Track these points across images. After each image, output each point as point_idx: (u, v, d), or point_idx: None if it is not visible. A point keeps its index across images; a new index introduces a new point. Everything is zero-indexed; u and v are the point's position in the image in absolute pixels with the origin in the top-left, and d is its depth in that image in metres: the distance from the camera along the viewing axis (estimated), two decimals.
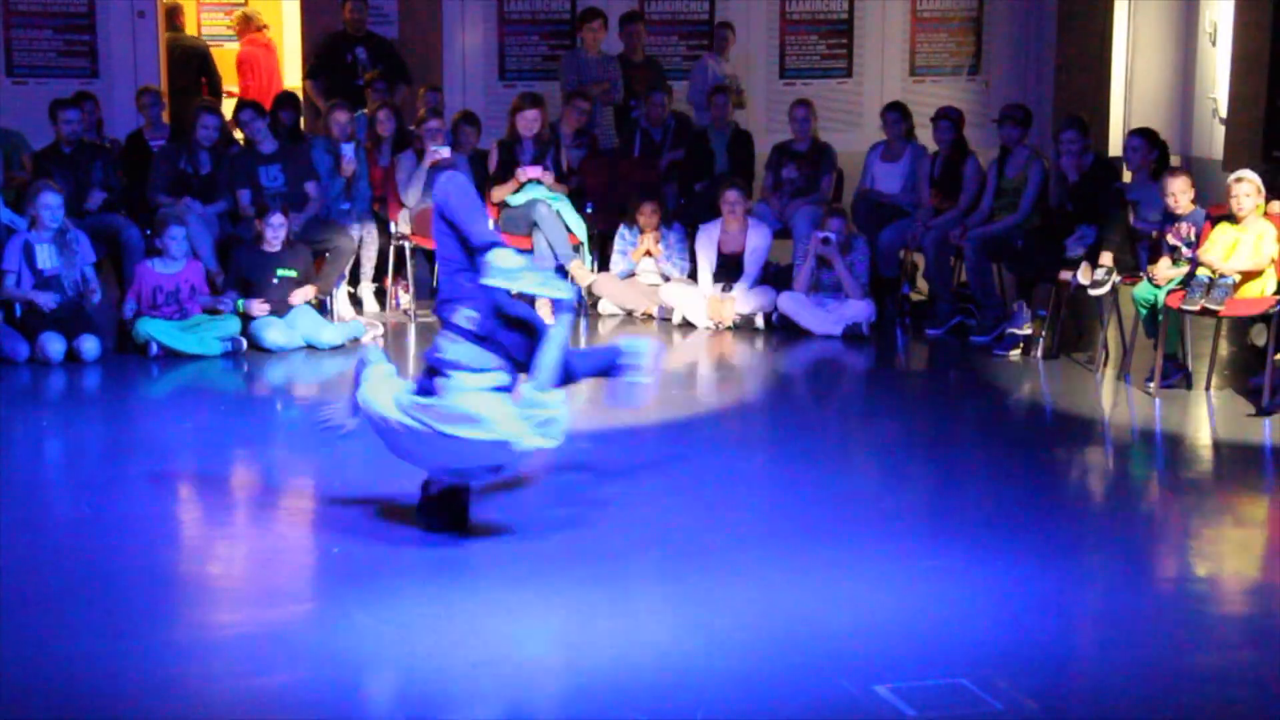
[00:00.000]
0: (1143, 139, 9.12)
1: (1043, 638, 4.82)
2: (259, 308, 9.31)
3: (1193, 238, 8.31)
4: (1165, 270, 8.32)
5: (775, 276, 10.28)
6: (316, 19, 12.72)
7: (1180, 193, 8.46)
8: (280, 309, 9.37)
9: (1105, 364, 8.81)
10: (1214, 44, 12.23)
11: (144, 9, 12.75)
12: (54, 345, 8.80)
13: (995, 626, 4.92)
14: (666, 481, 6.71)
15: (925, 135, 10.62)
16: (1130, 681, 4.54)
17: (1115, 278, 8.72)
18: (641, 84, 11.50)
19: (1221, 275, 7.97)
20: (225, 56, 14.63)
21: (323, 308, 9.80)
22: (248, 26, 14.17)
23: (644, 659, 4.68)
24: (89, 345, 8.88)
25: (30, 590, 5.24)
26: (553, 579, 5.32)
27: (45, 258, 9.04)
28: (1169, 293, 8.19)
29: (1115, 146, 12.33)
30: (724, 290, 10.12)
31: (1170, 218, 8.51)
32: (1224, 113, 11.84)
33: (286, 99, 11.63)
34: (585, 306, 10.50)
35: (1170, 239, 8.40)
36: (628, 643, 4.81)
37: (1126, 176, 9.24)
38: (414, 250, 10.78)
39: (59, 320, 8.94)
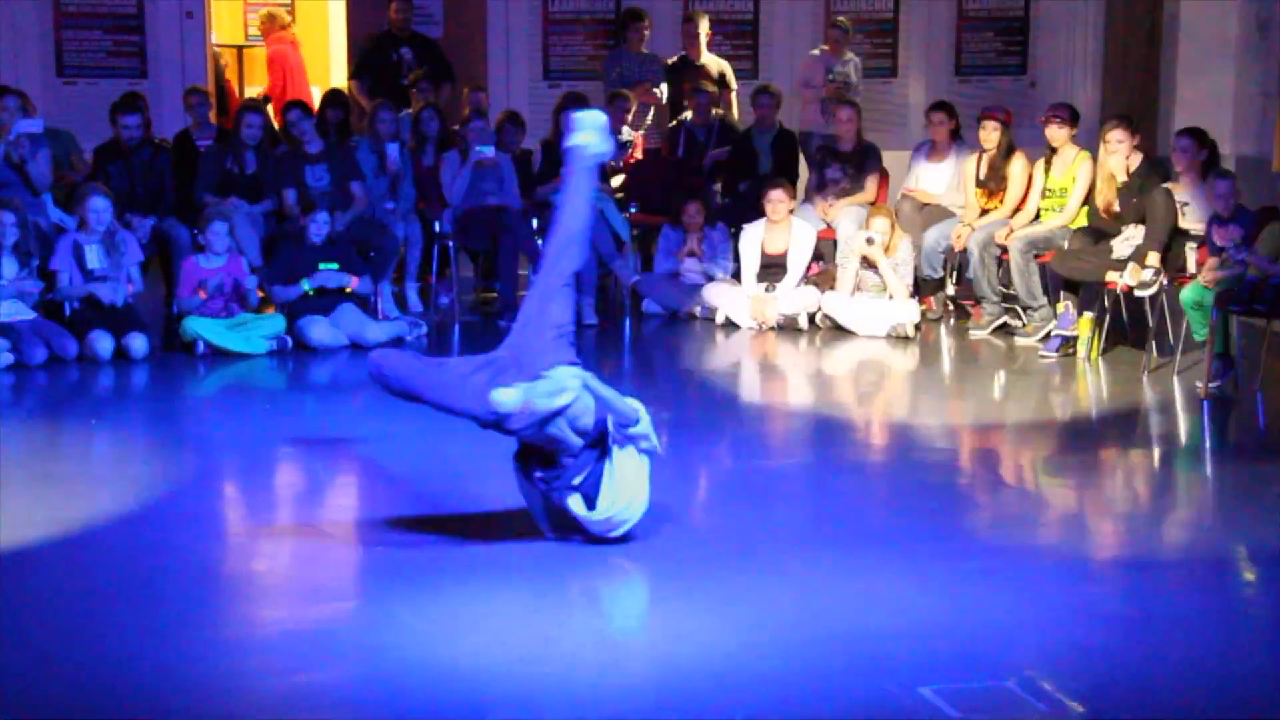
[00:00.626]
0: (1191, 139, 9.04)
1: (1089, 640, 4.79)
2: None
3: (1240, 239, 8.24)
4: (1214, 271, 8.26)
5: (819, 277, 10.26)
6: (361, 19, 12.77)
7: (1229, 193, 8.40)
8: (324, 306, 9.41)
9: (1153, 365, 8.75)
10: (1264, 40, 12.11)
11: (192, 9, 12.84)
12: (103, 343, 8.87)
13: (1041, 629, 4.89)
14: (709, 482, 6.70)
15: (971, 135, 10.58)
16: (1178, 685, 4.50)
17: (1163, 278, 8.66)
18: (700, 85, 11.44)
19: (1271, 275, 7.90)
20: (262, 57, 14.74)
21: (368, 306, 9.84)
22: (273, 25, 14.27)
23: (687, 659, 4.67)
24: (137, 343, 8.94)
25: (76, 586, 5.28)
26: (596, 579, 5.32)
27: (94, 258, 9.13)
28: (1218, 293, 8.12)
29: (1164, 146, 12.24)
30: (767, 290, 10.10)
31: (1219, 218, 8.44)
32: (1276, 110, 11.71)
33: (334, 97, 11.67)
34: (629, 307, 10.52)
35: (1218, 239, 8.33)
36: (671, 643, 4.80)
37: (1175, 176, 9.16)
38: (458, 249, 10.81)
39: (107, 318, 9.02)
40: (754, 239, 10.22)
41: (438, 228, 10.61)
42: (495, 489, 6.30)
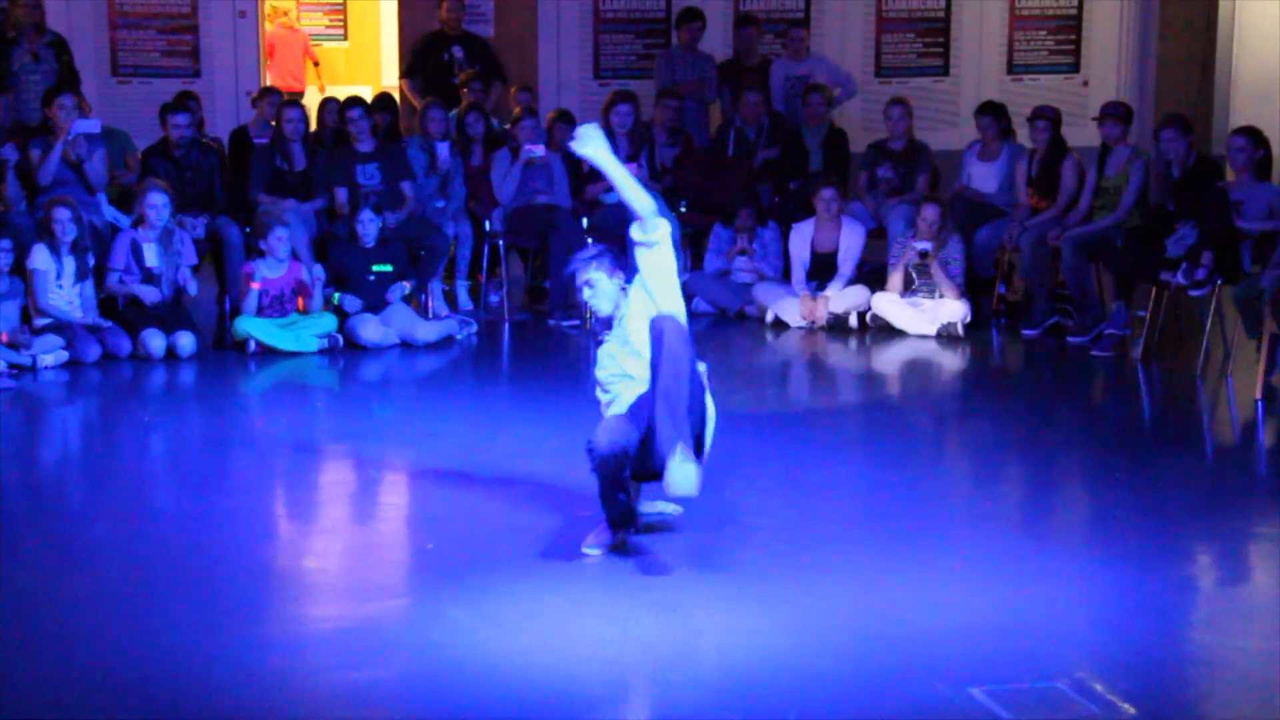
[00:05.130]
0: (1245, 138, 8.96)
1: (1141, 642, 4.75)
2: (350, 302, 9.42)
3: None
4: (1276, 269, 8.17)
5: (869, 276, 10.22)
6: (413, 18, 12.83)
7: None
8: (376, 305, 9.46)
9: (1206, 365, 8.68)
10: None
11: (245, 9, 12.93)
12: (155, 341, 8.94)
13: (1092, 630, 4.86)
14: (759, 481, 6.69)
15: (1023, 134, 10.52)
16: (1231, 688, 4.46)
17: (1217, 278, 8.59)
18: (751, 87, 11.41)
19: None
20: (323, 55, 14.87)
21: (418, 304, 9.88)
22: (274, 13, 14.50)
23: (737, 659, 4.67)
24: (184, 341, 9.01)
25: (130, 582, 5.32)
26: (645, 578, 5.31)
27: (152, 256, 9.22)
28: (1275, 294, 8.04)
29: (1219, 144, 12.14)
30: (817, 289, 10.07)
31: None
32: None
33: (382, 100, 11.75)
34: None
35: None
36: (721, 643, 4.80)
37: (1229, 175, 9.09)
38: (508, 248, 10.84)
39: (158, 317, 9.09)
40: (804, 238, 10.20)
41: (488, 226, 10.64)
42: (545, 488, 6.32)
